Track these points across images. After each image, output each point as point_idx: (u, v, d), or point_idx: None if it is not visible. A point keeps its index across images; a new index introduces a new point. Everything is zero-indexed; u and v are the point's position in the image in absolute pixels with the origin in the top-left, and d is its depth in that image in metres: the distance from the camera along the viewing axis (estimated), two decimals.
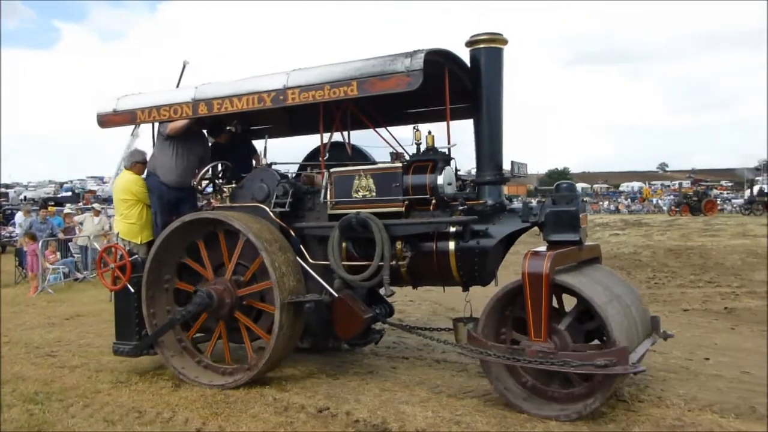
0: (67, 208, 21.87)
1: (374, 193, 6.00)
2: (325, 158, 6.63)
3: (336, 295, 6.01)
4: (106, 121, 6.98)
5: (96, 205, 20.27)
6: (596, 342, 5.61)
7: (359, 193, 6.07)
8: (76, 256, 16.53)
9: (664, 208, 48.24)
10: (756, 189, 43.23)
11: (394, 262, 5.87)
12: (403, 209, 5.90)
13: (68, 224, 17.79)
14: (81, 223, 17.58)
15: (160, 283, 6.55)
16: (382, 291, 6.12)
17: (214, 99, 6.34)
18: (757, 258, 15.57)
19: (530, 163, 6.63)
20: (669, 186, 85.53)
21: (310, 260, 6.25)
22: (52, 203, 28.59)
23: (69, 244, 16.79)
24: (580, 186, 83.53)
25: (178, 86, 7.12)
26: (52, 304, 12.35)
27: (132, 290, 6.46)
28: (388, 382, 6.19)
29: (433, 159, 5.93)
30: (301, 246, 6.30)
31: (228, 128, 7.10)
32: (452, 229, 5.88)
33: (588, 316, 5.46)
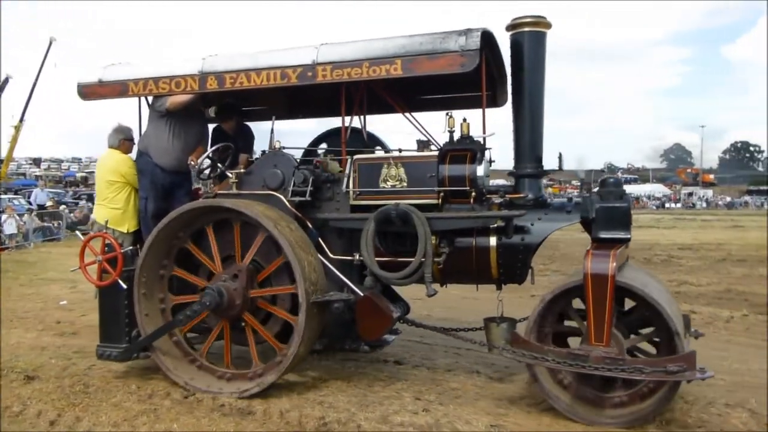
0: None
1: (405, 184, 5.23)
2: (329, 145, 5.80)
3: (360, 293, 5.22)
4: (90, 92, 5.78)
5: None
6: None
7: (388, 183, 5.28)
8: None
9: None
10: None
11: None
12: (438, 201, 5.18)
13: None
14: None
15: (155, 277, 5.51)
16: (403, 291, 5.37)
17: (226, 73, 5.34)
18: None
19: None
20: None
21: (330, 255, 5.41)
22: None
23: None
24: None
25: (42, 65, 6.06)
26: None
27: (124, 286, 5.36)
28: None
29: (470, 148, 5.21)
30: (320, 239, 5.45)
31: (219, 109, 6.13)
32: (493, 224, 5.20)
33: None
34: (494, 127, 5.57)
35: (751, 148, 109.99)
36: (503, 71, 5.82)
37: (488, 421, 4.61)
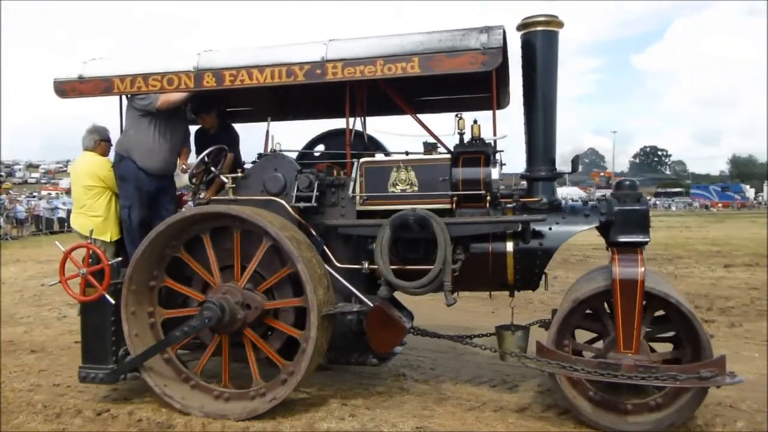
0: None
1: (416, 188, 4.91)
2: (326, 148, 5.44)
3: (370, 303, 4.86)
4: (69, 89, 5.15)
5: None
6: None
7: (398, 188, 4.94)
8: None
9: None
10: None
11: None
12: (452, 206, 4.88)
13: None
14: None
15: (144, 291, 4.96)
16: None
17: (225, 69, 4.86)
18: None
19: None
20: None
21: (336, 264, 5.02)
22: None
23: None
24: None
25: None
26: None
27: (112, 301, 4.79)
28: None
29: (483, 151, 4.93)
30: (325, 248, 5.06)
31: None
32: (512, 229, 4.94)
33: None
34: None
35: (659, 153, 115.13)
36: (507, 72, 5.59)
37: (414, 424, 4.56)
